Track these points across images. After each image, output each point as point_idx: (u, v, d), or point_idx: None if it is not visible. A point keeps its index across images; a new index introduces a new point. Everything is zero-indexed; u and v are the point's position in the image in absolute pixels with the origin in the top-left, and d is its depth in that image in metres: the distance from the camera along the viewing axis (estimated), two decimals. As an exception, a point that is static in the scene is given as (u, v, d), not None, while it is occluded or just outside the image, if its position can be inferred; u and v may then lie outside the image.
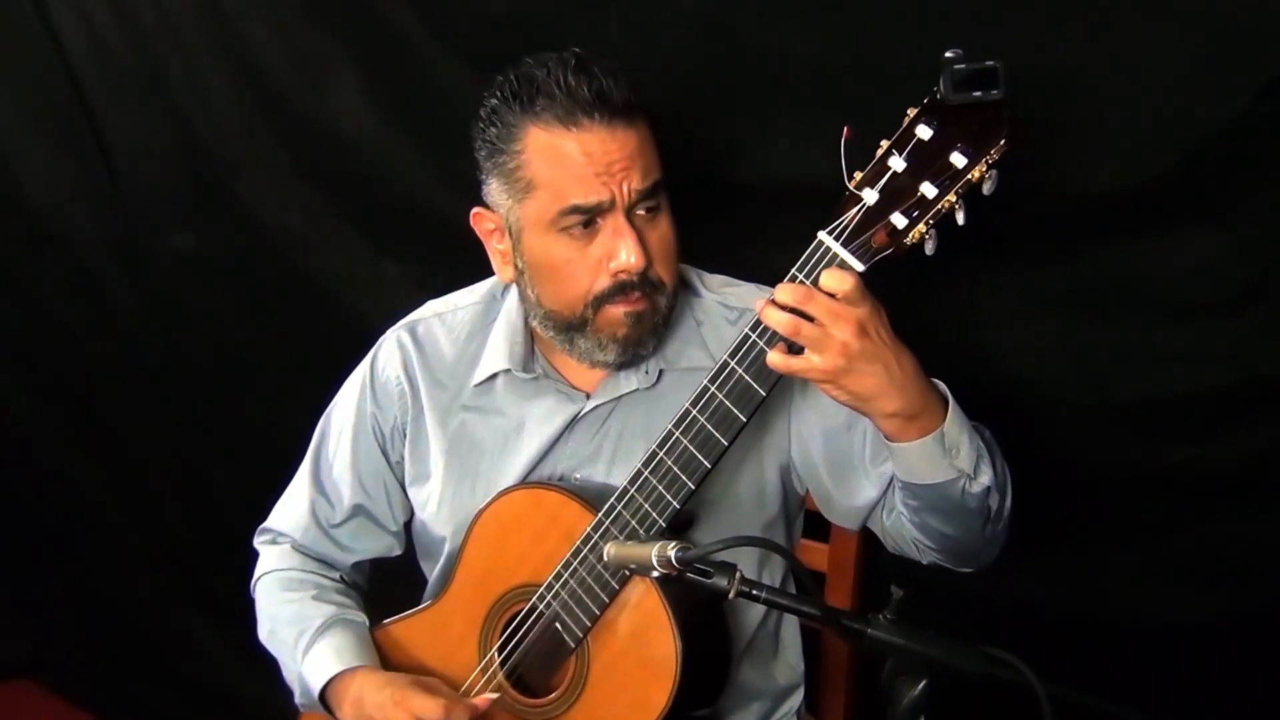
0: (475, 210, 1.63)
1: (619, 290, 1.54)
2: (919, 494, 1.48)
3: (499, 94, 1.55)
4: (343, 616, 1.74)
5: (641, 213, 1.53)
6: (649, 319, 1.56)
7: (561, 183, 1.51)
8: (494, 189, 1.58)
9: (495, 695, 1.60)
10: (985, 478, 1.46)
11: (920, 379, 1.41)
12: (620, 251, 1.51)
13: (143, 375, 2.74)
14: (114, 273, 2.68)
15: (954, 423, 1.44)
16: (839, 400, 1.40)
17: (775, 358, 1.37)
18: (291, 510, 1.83)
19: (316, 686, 1.68)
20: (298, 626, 1.73)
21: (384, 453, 1.77)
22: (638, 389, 1.63)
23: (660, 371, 1.63)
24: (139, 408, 2.77)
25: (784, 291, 1.35)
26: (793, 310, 1.35)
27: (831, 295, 1.35)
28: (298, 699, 1.75)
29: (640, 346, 1.59)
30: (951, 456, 1.44)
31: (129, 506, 2.85)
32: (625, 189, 1.50)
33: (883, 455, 1.56)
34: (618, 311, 1.55)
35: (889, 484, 1.59)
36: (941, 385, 1.47)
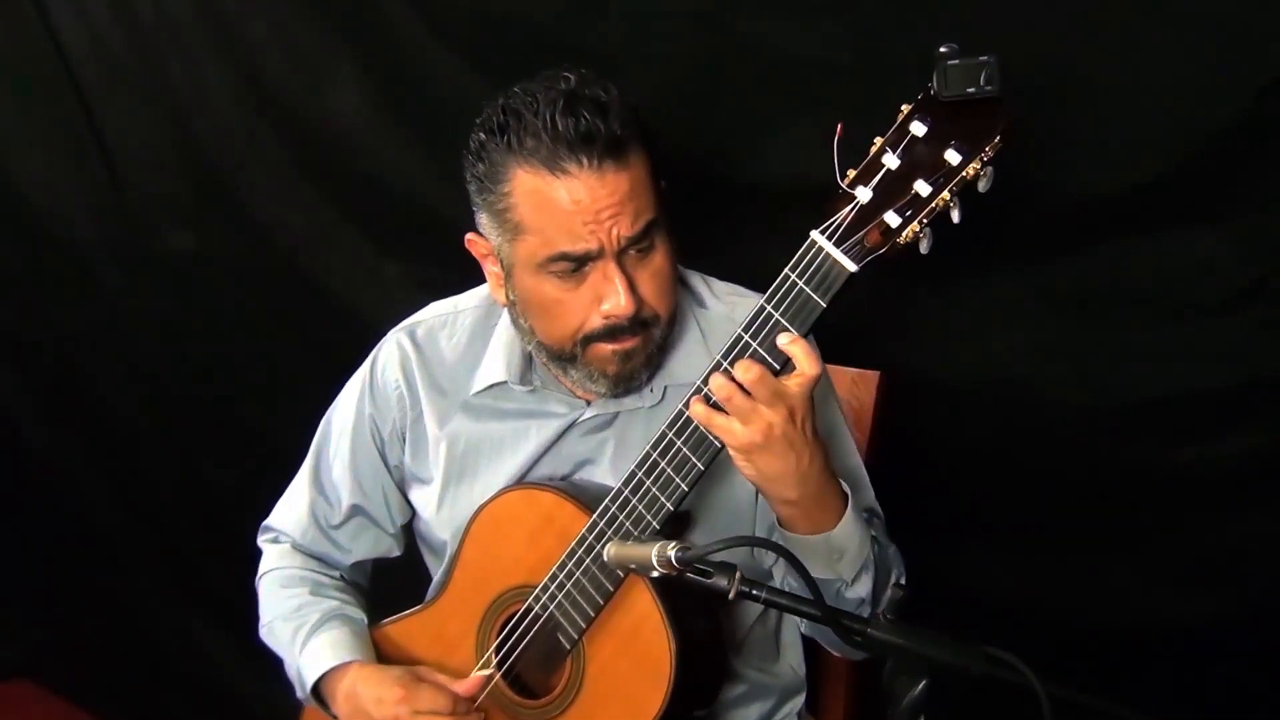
0: (469, 236, 1.62)
1: (608, 333, 1.53)
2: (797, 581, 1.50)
3: (486, 128, 1.51)
4: (341, 612, 1.74)
5: (633, 253, 1.51)
6: (640, 354, 1.56)
7: (549, 230, 1.49)
8: (485, 222, 1.57)
9: (487, 672, 1.60)
10: (862, 590, 1.50)
11: (824, 477, 1.43)
12: (609, 297, 1.50)
13: (143, 375, 2.74)
14: (114, 273, 2.69)
15: (844, 530, 1.47)
16: (744, 473, 1.42)
17: (698, 409, 1.40)
18: (292, 510, 1.83)
19: (311, 680, 1.68)
20: (295, 621, 1.73)
21: (382, 455, 1.77)
22: (640, 407, 1.63)
23: (665, 388, 1.62)
24: (139, 408, 2.77)
25: (741, 369, 1.37)
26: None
27: (783, 358, 1.36)
28: (299, 694, 1.76)
29: (632, 380, 1.58)
30: (834, 560, 1.47)
31: (129, 506, 2.85)
32: (614, 235, 1.47)
33: None
34: (606, 350, 1.54)
35: None
36: (846, 488, 1.49)
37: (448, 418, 1.71)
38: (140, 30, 2.47)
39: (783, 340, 1.37)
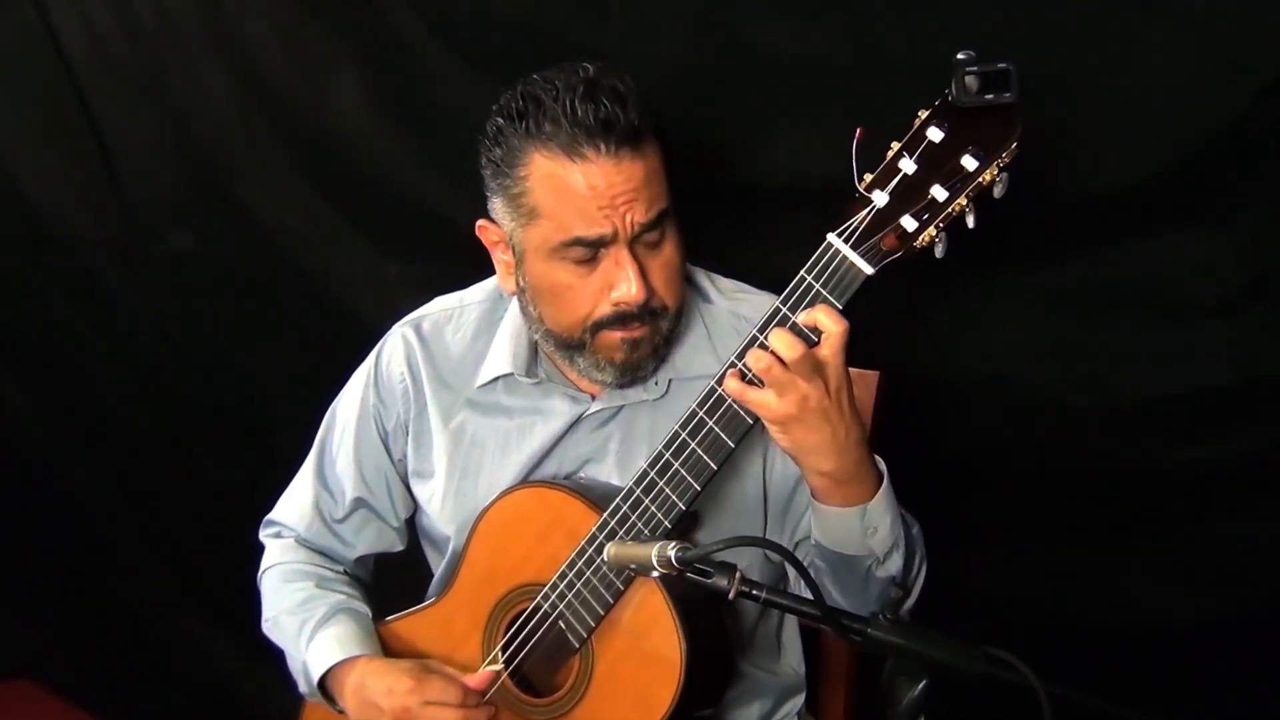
0: (480, 223, 1.62)
1: (618, 319, 1.54)
2: (827, 558, 1.52)
3: (505, 113, 1.53)
4: (347, 605, 1.74)
5: (645, 242, 1.52)
6: (647, 344, 1.57)
7: (564, 214, 1.50)
8: (498, 208, 1.58)
9: (497, 667, 1.60)
10: (893, 567, 1.50)
11: (861, 450, 1.43)
12: (621, 284, 1.51)
13: (143, 375, 2.74)
14: (114, 273, 2.68)
15: (880, 504, 1.47)
16: (780, 444, 1.42)
17: (732, 384, 1.40)
18: (295, 503, 1.83)
19: (317, 674, 1.68)
20: (301, 615, 1.73)
21: (386, 448, 1.77)
22: (645, 400, 1.63)
23: (670, 381, 1.63)
24: (139, 408, 2.77)
25: (778, 340, 1.36)
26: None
27: (817, 332, 1.36)
28: (302, 688, 1.75)
29: (639, 370, 1.59)
30: (867, 535, 1.47)
31: (129, 506, 2.85)
32: (628, 222, 1.49)
33: (806, 523, 1.57)
34: (615, 337, 1.55)
35: (797, 543, 1.63)
36: (882, 465, 1.50)
37: (452, 412, 1.72)
38: (140, 30, 2.46)
39: (802, 317, 1.37)
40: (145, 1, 2.44)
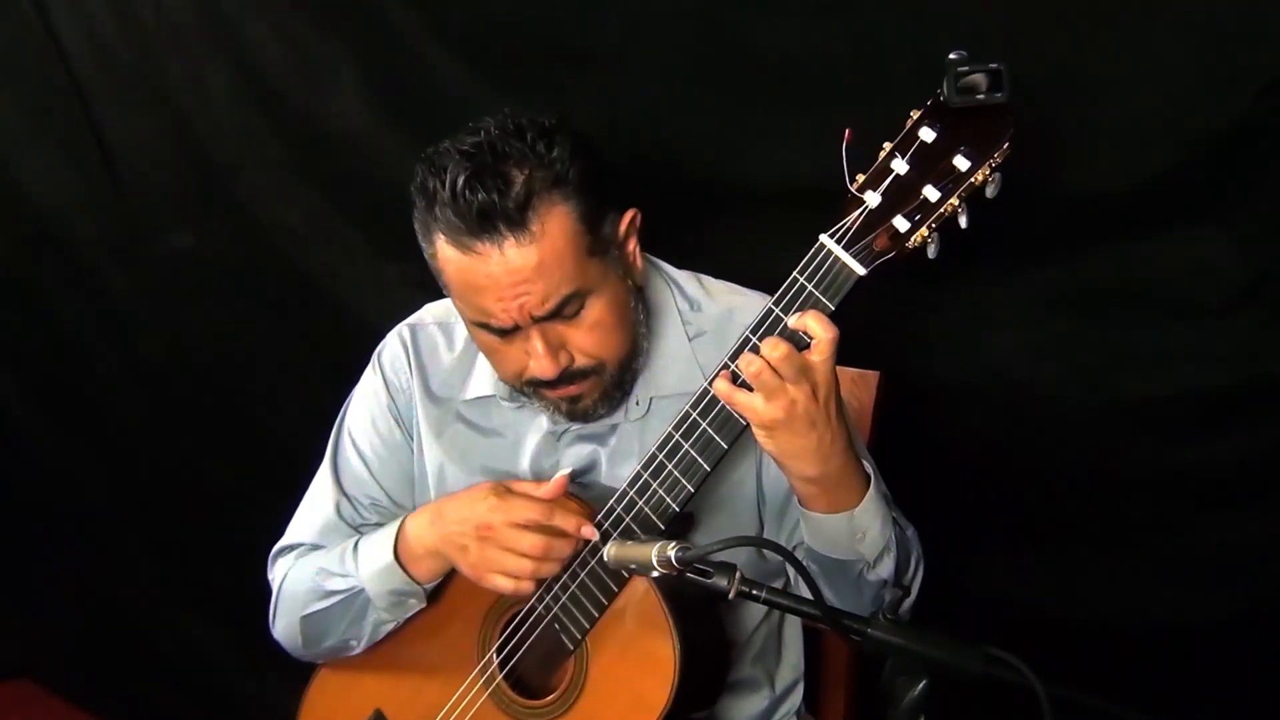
0: None
1: (545, 383, 1.53)
2: (819, 560, 1.51)
3: (415, 186, 1.49)
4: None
5: (562, 316, 1.49)
6: (588, 396, 1.56)
7: (468, 298, 1.49)
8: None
9: (566, 471, 1.56)
10: (885, 571, 1.49)
11: (846, 456, 1.42)
12: (533, 360, 1.50)
13: (143, 375, 2.74)
14: (114, 273, 2.68)
15: (867, 509, 1.46)
16: (765, 448, 1.41)
17: (722, 385, 1.40)
18: (315, 517, 1.77)
19: (389, 546, 1.60)
20: (335, 553, 1.66)
21: (400, 449, 1.75)
22: (626, 422, 1.63)
23: (650, 400, 1.62)
24: (139, 408, 2.77)
25: (768, 346, 1.35)
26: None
27: (807, 336, 1.36)
28: (369, 625, 1.66)
29: (590, 413, 1.59)
30: (856, 539, 1.47)
31: (129, 506, 2.85)
32: (524, 311, 1.46)
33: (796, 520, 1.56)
34: (550, 395, 1.56)
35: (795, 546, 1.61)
36: (870, 469, 1.48)
37: (443, 425, 1.71)
38: (140, 30, 2.46)
39: (792, 321, 1.37)
40: (145, 1, 2.44)
